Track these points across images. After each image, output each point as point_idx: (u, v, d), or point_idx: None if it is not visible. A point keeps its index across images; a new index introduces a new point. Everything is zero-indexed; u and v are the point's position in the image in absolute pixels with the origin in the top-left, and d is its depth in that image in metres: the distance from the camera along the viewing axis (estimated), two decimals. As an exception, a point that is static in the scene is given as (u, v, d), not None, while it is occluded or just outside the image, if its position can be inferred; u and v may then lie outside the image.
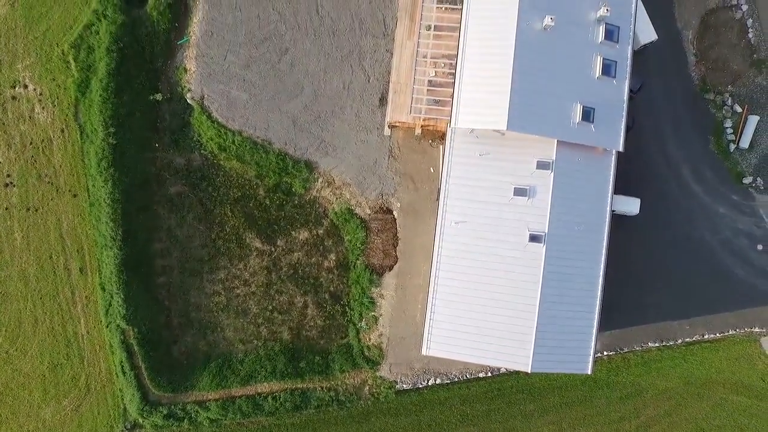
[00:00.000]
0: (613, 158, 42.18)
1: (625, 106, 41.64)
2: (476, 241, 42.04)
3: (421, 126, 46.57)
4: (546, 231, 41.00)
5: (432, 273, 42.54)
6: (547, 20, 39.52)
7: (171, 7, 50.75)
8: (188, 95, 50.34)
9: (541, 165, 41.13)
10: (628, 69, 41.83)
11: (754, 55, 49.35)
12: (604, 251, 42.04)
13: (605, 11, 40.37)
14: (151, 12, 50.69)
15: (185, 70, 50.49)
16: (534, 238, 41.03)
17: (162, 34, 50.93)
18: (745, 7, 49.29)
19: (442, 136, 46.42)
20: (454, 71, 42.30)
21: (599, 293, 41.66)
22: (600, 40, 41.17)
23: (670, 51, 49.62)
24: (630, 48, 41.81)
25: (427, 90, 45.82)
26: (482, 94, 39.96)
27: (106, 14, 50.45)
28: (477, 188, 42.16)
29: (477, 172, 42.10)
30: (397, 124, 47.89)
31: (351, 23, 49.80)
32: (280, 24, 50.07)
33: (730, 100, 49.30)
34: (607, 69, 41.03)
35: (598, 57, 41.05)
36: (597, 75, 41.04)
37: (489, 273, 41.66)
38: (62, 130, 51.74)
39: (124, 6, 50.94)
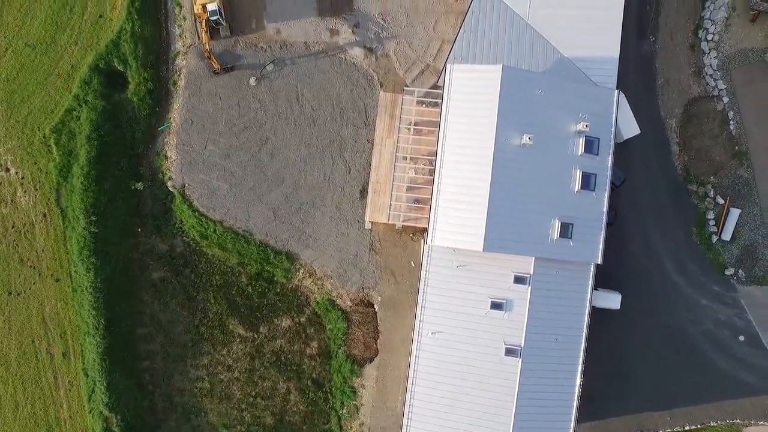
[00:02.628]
0: (592, 270, 41.90)
1: (604, 218, 41.32)
2: (452, 352, 42.17)
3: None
4: (522, 345, 41.07)
5: (409, 382, 42.65)
6: (525, 139, 39.11)
7: (151, 93, 50.48)
8: (169, 183, 50.24)
9: (518, 279, 41.06)
10: (608, 180, 41.46)
11: (736, 147, 48.98)
12: (580, 363, 42.06)
13: (584, 126, 39.91)
14: (131, 97, 50.50)
15: (166, 157, 50.32)
16: (510, 352, 41.13)
17: (143, 120, 50.78)
18: (726, 99, 48.83)
19: (423, 231, 46.22)
20: (434, 171, 42.00)
21: (575, 405, 41.79)
22: (579, 153, 40.70)
23: (653, 140, 49.25)
24: (611, 158, 41.36)
25: (407, 189, 45.50)
26: (459, 213, 39.74)
27: (87, 100, 50.27)
28: (454, 299, 42.12)
29: (454, 283, 42.01)
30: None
31: (332, 112, 49.43)
32: (260, 112, 49.75)
33: (712, 192, 48.99)
34: (587, 182, 40.76)
35: (578, 171, 40.68)
36: (576, 189, 40.70)
37: (465, 384, 41.81)
38: (44, 215, 51.73)
39: (104, 91, 50.81)
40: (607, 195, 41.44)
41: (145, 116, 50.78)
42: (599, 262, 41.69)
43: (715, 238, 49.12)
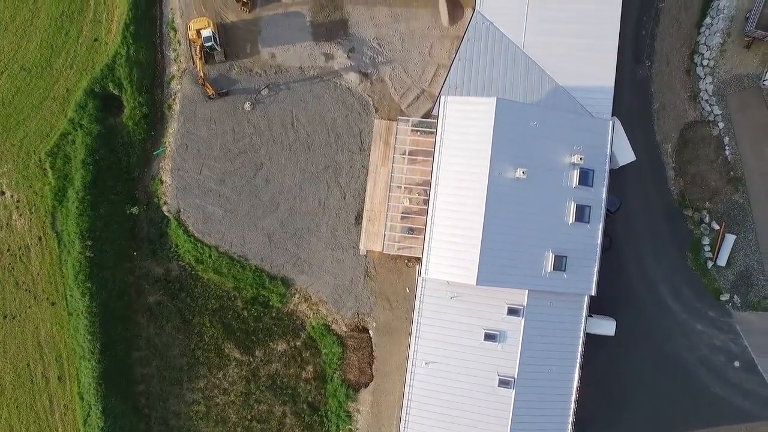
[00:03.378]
0: (586, 301, 41.89)
1: (598, 250, 41.28)
2: (446, 382, 42.22)
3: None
4: (515, 376, 41.11)
5: (402, 412, 42.72)
6: (519, 173, 39.05)
7: (146, 117, 50.48)
8: (164, 208, 50.27)
9: (512, 311, 41.08)
10: (603, 212, 41.40)
11: (731, 173, 48.91)
12: (574, 394, 42.06)
13: (579, 159, 39.85)
14: (126, 122, 50.48)
15: (161, 181, 50.30)
16: (503, 383, 41.17)
17: (138, 144, 50.75)
18: (721, 125, 48.73)
19: (418, 258, 46.17)
20: (428, 201, 41.97)
21: (569, 433, 42.01)
22: (574, 185, 40.64)
23: (649, 165, 49.18)
24: (605, 190, 41.31)
25: (402, 218, 45.46)
26: (453, 246, 39.70)
27: (82, 124, 50.24)
28: (448, 330, 42.16)
29: (448, 314, 42.08)
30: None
31: (327, 137, 49.36)
32: (255, 137, 49.68)
33: (708, 217, 48.94)
34: (581, 214, 40.71)
35: (572, 203, 40.61)
36: (570, 221, 40.66)
37: (459, 414, 41.85)
38: (40, 238, 51.73)
39: (99, 115, 50.71)
40: (601, 227, 41.40)
41: (140, 140, 50.73)
42: (593, 294, 41.55)
43: (710, 264, 49.09)
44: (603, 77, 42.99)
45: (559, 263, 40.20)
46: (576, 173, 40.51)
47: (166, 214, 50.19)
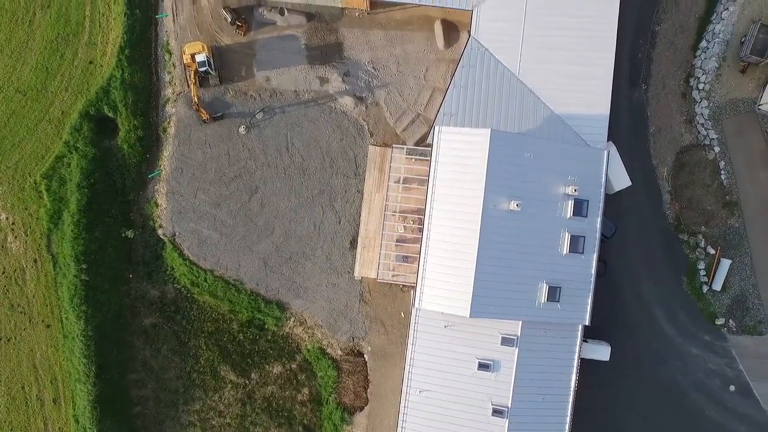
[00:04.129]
0: (580, 331, 41.91)
1: (592, 280, 41.25)
2: (440, 411, 42.28)
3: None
4: (509, 405, 41.16)
5: (397, 442, 42.84)
6: (513, 206, 39.01)
7: (141, 140, 50.42)
8: (160, 231, 50.30)
9: (506, 341, 41.11)
10: (597, 241, 41.35)
11: (727, 197, 48.85)
12: (568, 423, 42.13)
13: (573, 190, 39.79)
14: (122, 144, 50.43)
15: (156, 204, 50.30)
16: (497, 412, 41.24)
17: (133, 167, 50.75)
18: (717, 149, 48.66)
19: (413, 284, 46.12)
20: (423, 228, 41.98)
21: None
22: (568, 216, 40.59)
23: (644, 189, 49.13)
24: (600, 220, 41.26)
25: (396, 245, 45.43)
26: (446, 278, 39.67)
27: (77, 147, 50.24)
28: (441, 359, 42.19)
29: (442, 343, 42.12)
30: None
31: (322, 162, 49.32)
32: (250, 161, 49.63)
33: (703, 242, 48.90)
34: (575, 245, 40.65)
35: (566, 234, 40.57)
36: (564, 252, 40.61)
37: (453, 444, 41.80)
38: (35, 260, 51.77)
39: (95, 138, 50.68)
40: (595, 257, 41.29)
41: (135, 163, 50.70)
42: (587, 324, 41.54)
43: (705, 288, 49.06)
44: (598, 105, 42.87)
45: (553, 294, 40.19)
46: (570, 204, 40.47)
47: (161, 237, 50.14)
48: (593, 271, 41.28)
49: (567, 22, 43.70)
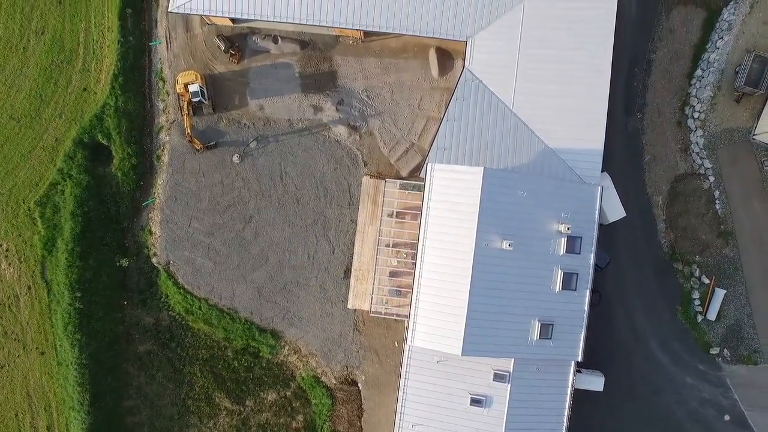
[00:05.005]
0: (572, 366, 41.90)
1: (585, 316, 41.20)
2: (434, 446, 42.12)
3: (385, 306, 46.69)
4: (502, 441, 41.06)
5: (390, 475, 42.87)
6: (505, 245, 38.95)
7: (135, 168, 50.37)
8: (154, 259, 50.29)
9: (498, 377, 41.10)
10: (590, 278, 41.31)
11: (722, 226, 48.76)
12: (561, 457, 42.20)
13: (566, 229, 39.72)
14: (115, 172, 50.35)
15: (150, 232, 50.29)
16: (490, 448, 41.12)
17: (127, 195, 50.75)
18: (712, 179, 48.53)
19: (406, 315, 46.13)
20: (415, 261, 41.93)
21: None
22: (561, 253, 40.53)
23: (639, 218, 49.02)
24: (593, 256, 41.19)
25: (390, 277, 45.40)
26: (438, 316, 39.69)
27: (71, 174, 50.18)
28: (434, 394, 42.20)
29: (434, 377, 42.12)
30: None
31: (316, 191, 49.25)
32: (244, 190, 49.56)
33: (698, 271, 48.84)
34: (568, 282, 40.61)
35: (559, 271, 40.51)
36: (557, 289, 40.56)
37: (445, 478, 41.87)
38: (29, 287, 51.79)
39: (88, 165, 50.59)
40: (588, 293, 41.26)
41: (129, 191, 50.69)
42: (579, 360, 41.52)
43: (700, 318, 48.99)
44: (593, 139, 42.73)
45: (546, 331, 40.20)
46: (563, 241, 40.34)
47: (155, 265, 50.09)
48: (586, 307, 41.20)
49: (561, 55, 43.50)
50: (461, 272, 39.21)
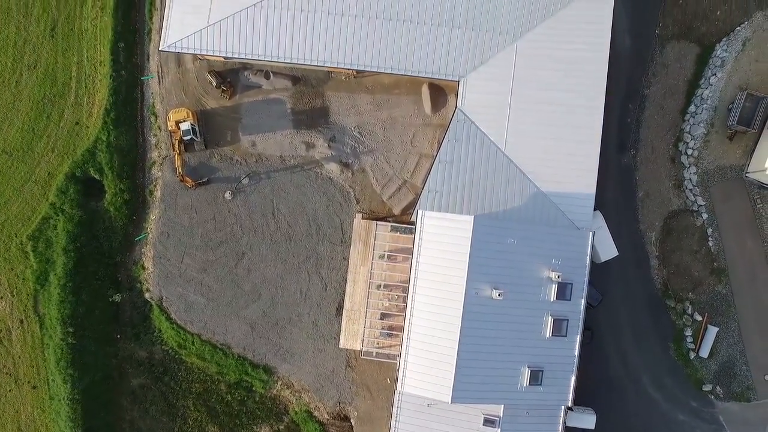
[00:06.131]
0: (562, 411, 41.93)
1: (575, 361, 41.20)
2: (424, 488, 42.23)
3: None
4: (493, 486, 41.14)
5: None
6: (495, 295, 38.93)
7: (128, 203, 50.31)
8: (147, 295, 50.37)
9: (488, 421, 41.23)
10: (581, 323, 41.29)
11: (714, 264, 48.69)
12: (551, 501, 42.28)
13: (557, 277, 39.68)
14: (108, 207, 50.29)
15: (143, 267, 50.30)
16: (481, 493, 41.22)
17: (119, 230, 50.78)
18: (705, 216, 48.42)
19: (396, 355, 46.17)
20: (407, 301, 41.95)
21: None
22: (552, 299, 40.50)
23: (632, 254, 48.95)
24: (583, 302, 41.16)
25: (381, 318, 45.43)
26: (428, 363, 39.73)
27: (64, 208, 50.14)
28: (425, 437, 42.12)
29: (425, 421, 42.17)
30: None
31: (308, 228, 49.20)
32: (236, 227, 49.53)
33: (690, 309, 48.81)
34: (558, 328, 40.64)
35: (549, 317, 40.51)
36: (547, 335, 40.57)
37: None
38: (21, 321, 51.87)
39: (81, 200, 50.58)
40: (579, 338, 41.28)
41: (121, 226, 50.72)
42: (570, 405, 41.54)
43: (692, 355, 48.96)
44: (584, 183, 42.68)
45: (536, 377, 40.25)
46: (554, 288, 40.28)
47: (148, 300, 50.13)
48: (576, 353, 41.18)
49: (554, 96, 43.37)
50: (451, 320, 39.26)
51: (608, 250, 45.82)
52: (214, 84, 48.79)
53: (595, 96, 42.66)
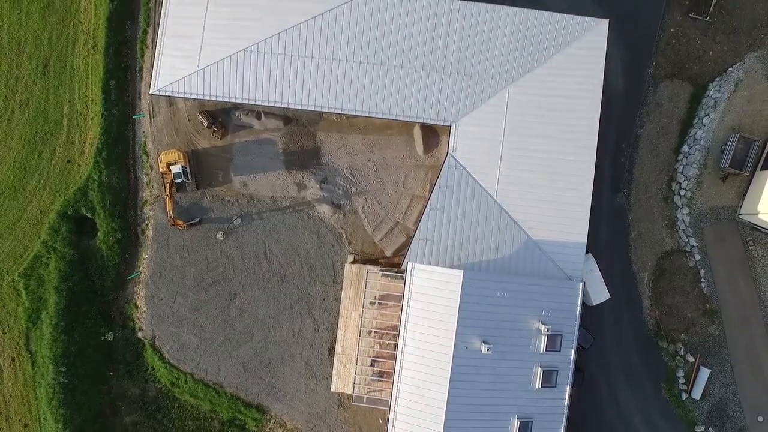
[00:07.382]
0: (553, 459, 42.09)
1: (565, 411, 41.23)
2: None
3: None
4: None
5: None
6: (485, 349, 38.96)
7: (120, 242, 50.17)
8: (140, 333, 50.41)
9: (479, 472, 41.11)
10: (570, 374, 41.30)
11: (707, 305, 48.68)
12: None
13: (546, 330, 39.68)
14: (100, 245, 50.21)
15: (136, 306, 50.33)
16: None
17: (112, 268, 50.66)
18: (697, 257, 48.35)
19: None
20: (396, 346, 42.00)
21: None
22: (541, 351, 40.51)
23: (624, 295, 48.93)
24: (574, 352, 41.17)
25: (372, 363, 45.47)
26: (418, 414, 39.85)
27: (56, 247, 50.02)
28: (416, 485, 42.21)
29: (416, 466, 42.11)
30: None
31: (300, 269, 49.17)
32: (228, 268, 49.49)
33: (683, 350, 48.83)
34: (548, 379, 40.67)
35: (539, 369, 40.52)
36: (537, 386, 40.60)
37: None
38: (13, 359, 51.92)
39: (73, 238, 50.46)
40: (568, 389, 41.32)
41: (114, 264, 50.60)
42: (560, 455, 41.69)
43: (685, 396, 48.99)
44: (575, 232, 42.61)
45: (525, 428, 40.46)
46: (543, 339, 40.27)
47: (141, 338, 50.21)
48: (566, 403, 41.19)
49: (545, 143, 43.15)
50: (440, 372, 39.26)
51: (600, 294, 45.84)
52: (206, 124, 48.62)
53: (587, 144, 42.61)
